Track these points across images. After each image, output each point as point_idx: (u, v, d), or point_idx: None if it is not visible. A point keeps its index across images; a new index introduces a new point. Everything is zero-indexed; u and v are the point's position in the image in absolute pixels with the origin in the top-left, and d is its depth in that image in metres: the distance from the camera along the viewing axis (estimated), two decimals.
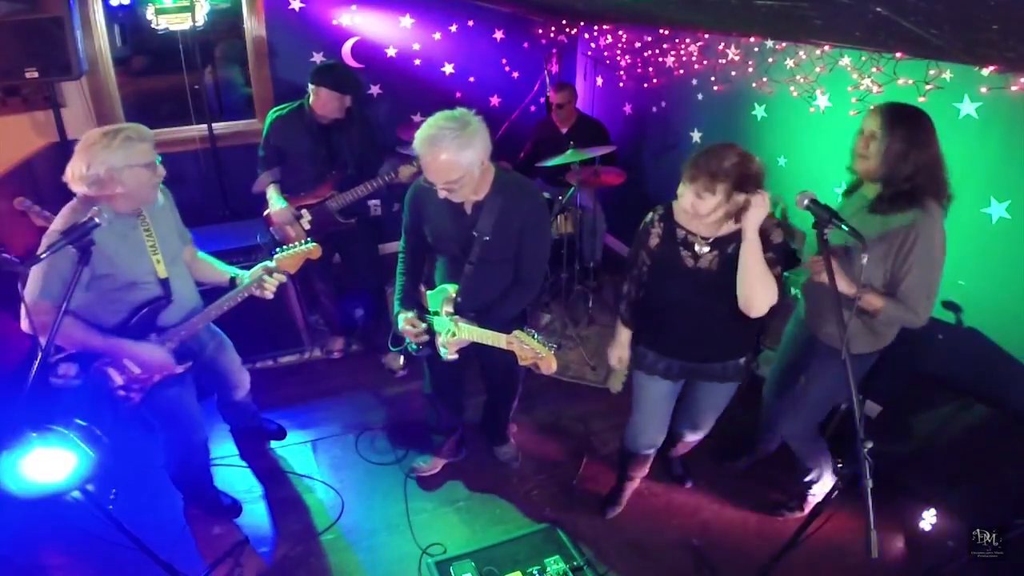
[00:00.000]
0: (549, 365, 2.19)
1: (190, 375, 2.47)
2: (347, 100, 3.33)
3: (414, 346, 2.56)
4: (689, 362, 2.38)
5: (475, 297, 2.40)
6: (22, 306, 2.00)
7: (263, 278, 2.40)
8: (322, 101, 3.28)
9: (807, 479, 2.72)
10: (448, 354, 2.48)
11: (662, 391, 2.46)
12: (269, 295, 2.42)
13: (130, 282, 2.23)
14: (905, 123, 2.05)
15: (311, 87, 3.29)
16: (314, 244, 2.46)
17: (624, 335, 2.48)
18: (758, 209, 1.98)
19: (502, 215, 2.27)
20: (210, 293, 2.51)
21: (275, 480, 3.05)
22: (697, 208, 2.04)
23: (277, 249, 2.46)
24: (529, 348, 2.18)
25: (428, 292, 2.53)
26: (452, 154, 2.07)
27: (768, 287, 2.05)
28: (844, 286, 2.08)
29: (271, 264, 2.42)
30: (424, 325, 2.50)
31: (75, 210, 2.12)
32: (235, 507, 2.87)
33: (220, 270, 2.53)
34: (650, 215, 2.28)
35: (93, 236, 1.95)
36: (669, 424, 2.63)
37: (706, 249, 2.17)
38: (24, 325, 2.02)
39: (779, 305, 2.16)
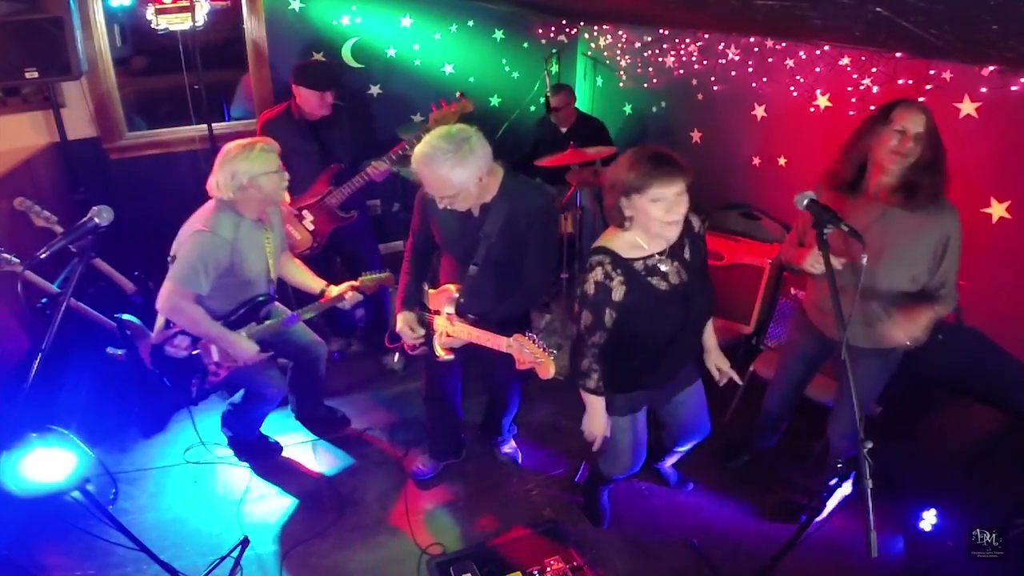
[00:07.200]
0: (547, 370, 2.16)
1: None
2: (328, 97, 3.36)
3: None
4: (654, 388, 2.33)
5: (478, 298, 2.41)
6: (164, 284, 2.47)
7: (346, 294, 2.77)
8: (304, 99, 3.34)
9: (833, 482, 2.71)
10: (443, 354, 2.48)
11: (640, 423, 2.40)
12: (347, 307, 2.83)
13: (248, 280, 2.65)
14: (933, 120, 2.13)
15: (293, 87, 3.35)
16: (388, 273, 2.85)
17: (602, 407, 2.25)
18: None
19: (509, 218, 2.28)
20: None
21: (275, 480, 3.05)
22: (679, 210, 1.96)
23: (364, 272, 2.84)
24: (528, 352, 2.17)
25: (431, 291, 2.54)
26: (446, 173, 2.11)
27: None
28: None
29: (356, 283, 2.80)
30: (422, 331, 2.51)
31: (214, 211, 2.54)
32: (277, 446, 3.20)
33: (314, 280, 2.89)
34: (599, 271, 2.05)
35: (232, 237, 2.49)
36: (666, 440, 2.65)
37: (668, 263, 2.09)
38: (160, 301, 2.49)
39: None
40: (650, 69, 4.44)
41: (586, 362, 2.16)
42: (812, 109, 3.28)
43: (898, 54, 2.65)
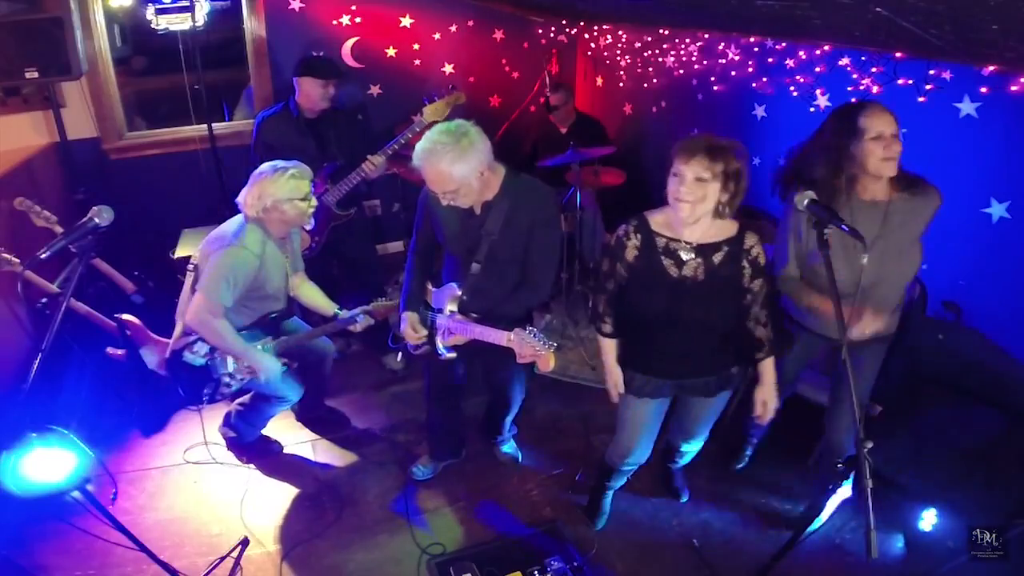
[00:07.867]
0: (547, 363, 2.19)
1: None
2: (331, 88, 3.40)
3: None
4: (679, 379, 2.32)
5: (481, 296, 2.41)
6: (195, 297, 2.49)
7: (358, 318, 2.80)
8: (306, 92, 3.37)
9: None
10: (445, 352, 2.49)
11: (651, 411, 2.39)
12: (359, 329, 2.84)
13: (269, 294, 2.70)
14: None
15: (295, 81, 3.39)
16: (398, 301, 2.72)
17: (613, 354, 2.34)
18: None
19: (511, 215, 2.30)
20: None
21: (275, 480, 3.05)
22: (694, 194, 1.96)
23: (377, 298, 2.87)
24: (528, 346, 2.18)
25: (434, 289, 2.54)
26: (446, 167, 2.12)
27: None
28: None
29: (369, 308, 2.82)
30: (425, 331, 2.52)
31: (243, 225, 2.59)
32: (277, 446, 3.21)
33: (327, 303, 2.94)
34: (623, 227, 2.20)
35: (261, 252, 2.53)
36: (665, 435, 2.63)
37: (691, 256, 2.10)
38: (190, 314, 2.50)
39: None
40: (650, 69, 4.44)
41: (602, 306, 2.32)
42: (812, 109, 3.28)
43: (898, 54, 2.65)
